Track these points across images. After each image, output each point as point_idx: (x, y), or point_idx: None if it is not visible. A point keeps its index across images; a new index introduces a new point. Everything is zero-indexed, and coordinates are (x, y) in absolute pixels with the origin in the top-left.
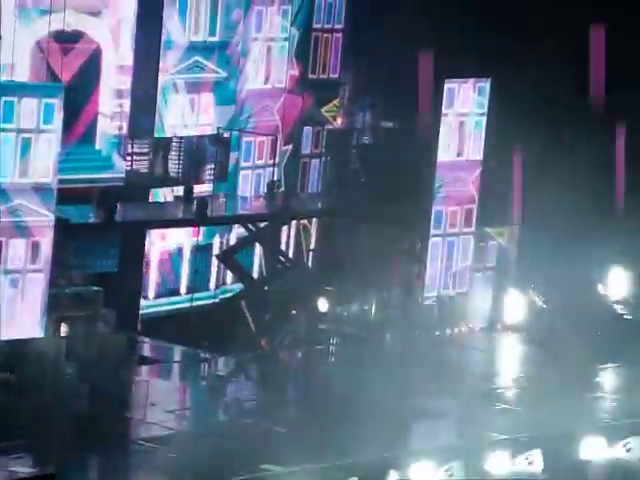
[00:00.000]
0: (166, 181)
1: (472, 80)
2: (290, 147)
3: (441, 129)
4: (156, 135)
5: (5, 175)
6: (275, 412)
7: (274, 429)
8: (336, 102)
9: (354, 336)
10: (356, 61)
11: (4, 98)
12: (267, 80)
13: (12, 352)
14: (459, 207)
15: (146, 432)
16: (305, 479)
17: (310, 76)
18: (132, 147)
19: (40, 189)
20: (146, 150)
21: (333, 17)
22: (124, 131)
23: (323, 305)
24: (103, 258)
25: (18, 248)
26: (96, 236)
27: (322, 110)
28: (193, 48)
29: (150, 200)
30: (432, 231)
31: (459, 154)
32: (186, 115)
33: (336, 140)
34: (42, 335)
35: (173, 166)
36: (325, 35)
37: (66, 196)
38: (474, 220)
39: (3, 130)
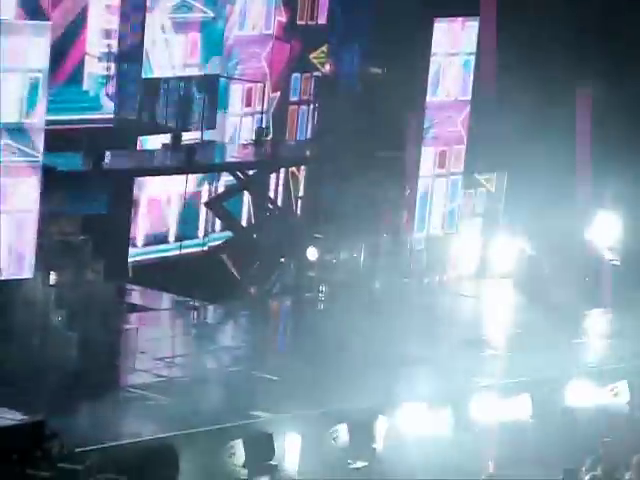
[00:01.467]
0: (154, 128)
1: (461, 19)
2: (278, 94)
3: (430, 69)
4: (143, 76)
5: None
6: (264, 360)
7: (263, 376)
8: (324, 49)
9: (343, 283)
10: (344, 6)
11: None
12: (254, 27)
13: (0, 300)
14: (448, 147)
15: (136, 379)
16: (294, 425)
17: (298, 22)
18: (119, 93)
19: (28, 129)
20: (134, 96)
21: None
22: (112, 72)
23: (312, 253)
24: (92, 201)
25: (6, 188)
26: (84, 183)
27: (310, 57)
28: None
29: (138, 148)
30: (421, 172)
31: (448, 94)
32: (173, 56)
33: (324, 87)
34: (31, 276)
35: (161, 113)
36: None
37: (53, 142)
38: (463, 160)
39: None
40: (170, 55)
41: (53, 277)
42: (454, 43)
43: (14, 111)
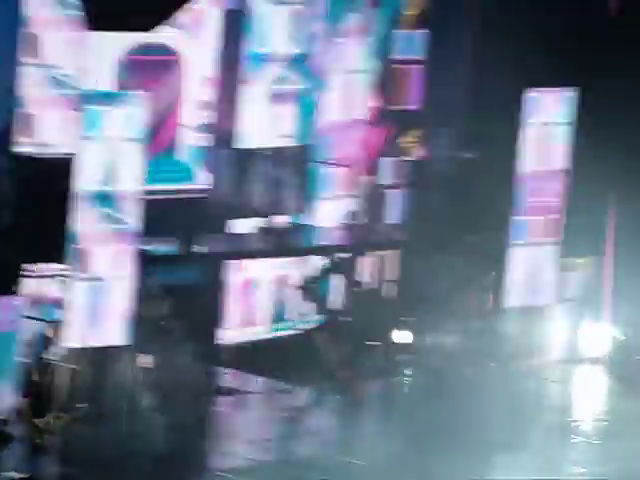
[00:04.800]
0: (245, 212)
1: (557, 89)
2: (370, 178)
3: (523, 139)
4: (236, 147)
5: (89, 183)
6: (353, 444)
7: (353, 461)
8: (416, 133)
9: (432, 367)
10: (436, 92)
11: (88, 107)
12: (347, 112)
13: (91, 383)
14: (543, 217)
15: (225, 463)
16: None
17: (390, 107)
18: (212, 165)
19: (124, 197)
20: (227, 168)
21: (413, 48)
22: (206, 143)
23: (400, 336)
24: (183, 274)
25: (102, 256)
26: (176, 263)
27: (402, 141)
28: (274, 59)
29: (229, 230)
30: (514, 241)
31: (543, 164)
32: (267, 127)
33: (416, 171)
34: (128, 342)
35: (252, 197)
36: (405, 66)
37: (146, 215)
38: (559, 231)
39: (87, 138)
40: (264, 126)
41: (142, 359)
42: (549, 112)
43: (110, 179)
